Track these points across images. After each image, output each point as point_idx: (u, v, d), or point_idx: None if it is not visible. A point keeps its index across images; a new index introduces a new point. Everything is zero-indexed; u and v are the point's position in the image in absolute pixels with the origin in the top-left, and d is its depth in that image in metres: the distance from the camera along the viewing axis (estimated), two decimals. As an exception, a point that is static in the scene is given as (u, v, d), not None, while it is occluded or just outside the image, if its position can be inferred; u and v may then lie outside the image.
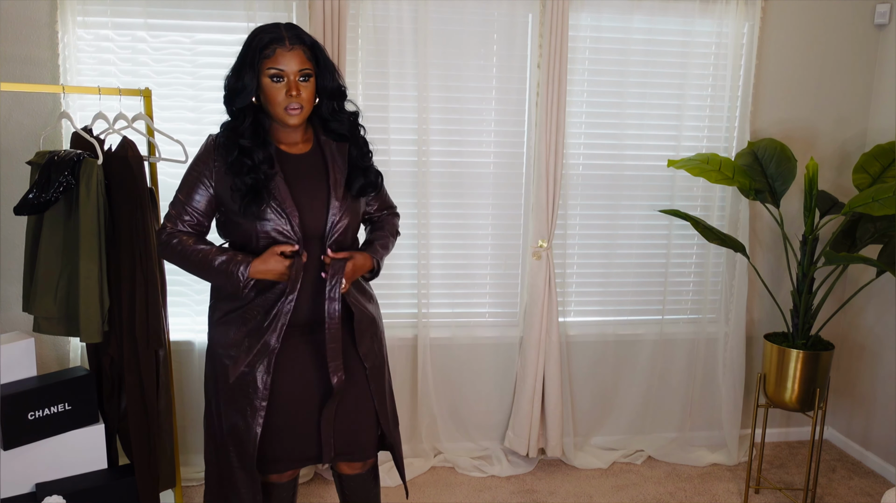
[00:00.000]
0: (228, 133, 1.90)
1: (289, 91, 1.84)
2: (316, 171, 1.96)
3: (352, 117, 2.02)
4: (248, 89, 1.86)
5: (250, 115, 1.90)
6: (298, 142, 1.98)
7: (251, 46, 1.86)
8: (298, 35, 1.87)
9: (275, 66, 1.83)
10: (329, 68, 1.93)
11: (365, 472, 2.15)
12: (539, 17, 2.95)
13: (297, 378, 1.96)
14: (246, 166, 1.86)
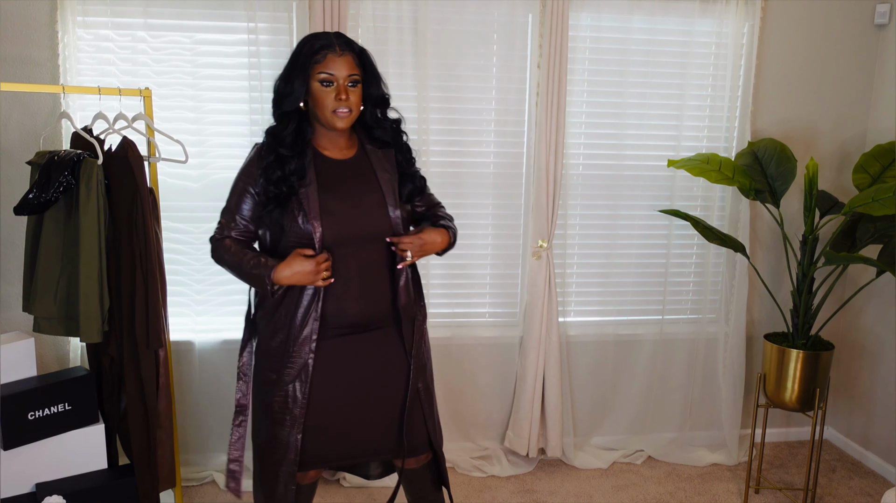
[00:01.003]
0: (270, 138, 1.98)
1: (338, 95, 1.91)
2: (361, 176, 2.01)
3: (395, 124, 2.08)
4: (296, 93, 1.92)
5: (294, 122, 1.96)
6: (343, 148, 2.03)
7: (302, 52, 1.94)
8: (348, 42, 1.96)
9: (325, 70, 1.91)
10: (375, 76, 2.01)
11: (419, 467, 2.19)
12: (539, 17, 2.95)
13: (336, 383, 2.02)
14: (276, 175, 1.93)
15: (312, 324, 1.95)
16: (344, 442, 2.06)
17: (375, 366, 2.05)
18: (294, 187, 1.93)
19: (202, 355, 2.99)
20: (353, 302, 1.98)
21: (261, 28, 2.80)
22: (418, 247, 1.99)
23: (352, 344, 2.02)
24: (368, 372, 2.04)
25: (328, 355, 2.00)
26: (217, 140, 2.89)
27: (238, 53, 2.83)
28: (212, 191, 2.92)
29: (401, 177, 2.06)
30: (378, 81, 2.02)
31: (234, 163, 2.88)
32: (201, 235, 2.94)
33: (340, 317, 1.98)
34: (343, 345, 2.01)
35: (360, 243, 1.97)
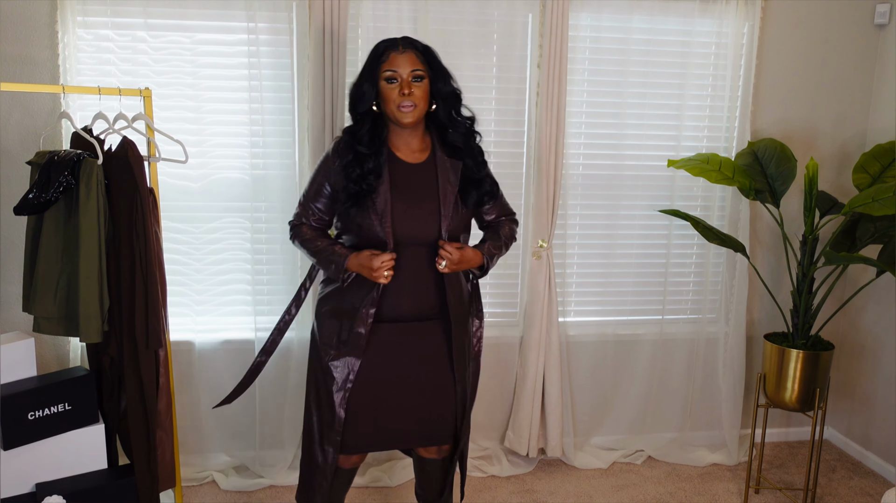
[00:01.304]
0: (348, 137, 2.11)
1: (401, 90, 2.02)
2: (426, 183, 2.12)
3: (468, 122, 2.17)
4: (367, 95, 2.06)
5: (369, 121, 2.08)
6: (415, 150, 2.14)
7: (371, 56, 2.09)
8: (411, 41, 2.09)
9: (389, 67, 2.03)
10: (443, 73, 2.10)
11: (439, 459, 2.31)
12: (539, 17, 2.95)
13: (384, 370, 2.15)
14: (355, 173, 2.05)
15: (369, 312, 2.09)
16: (384, 429, 2.19)
17: (420, 361, 2.18)
18: (372, 185, 2.05)
19: (202, 355, 2.99)
20: (405, 298, 2.12)
21: (261, 28, 2.80)
22: (455, 261, 2.09)
23: (400, 337, 2.15)
24: (413, 365, 2.17)
25: (378, 344, 2.13)
26: (217, 140, 2.89)
27: (238, 53, 2.82)
28: (212, 191, 2.92)
29: (468, 183, 2.14)
30: (446, 77, 2.10)
31: (234, 163, 2.92)
32: (201, 235, 2.94)
33: (392, 311, 2.12)
34: (392, 338, 2.14)
35: (415, 245, 2.10)
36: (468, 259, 2.13)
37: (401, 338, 2.16)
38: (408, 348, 2.17)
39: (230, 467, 3.08)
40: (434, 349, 2.19)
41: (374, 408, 2.17)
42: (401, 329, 2.15)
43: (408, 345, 2.17)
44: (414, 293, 2.13)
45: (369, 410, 2.16)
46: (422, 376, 2.19)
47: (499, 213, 2.32)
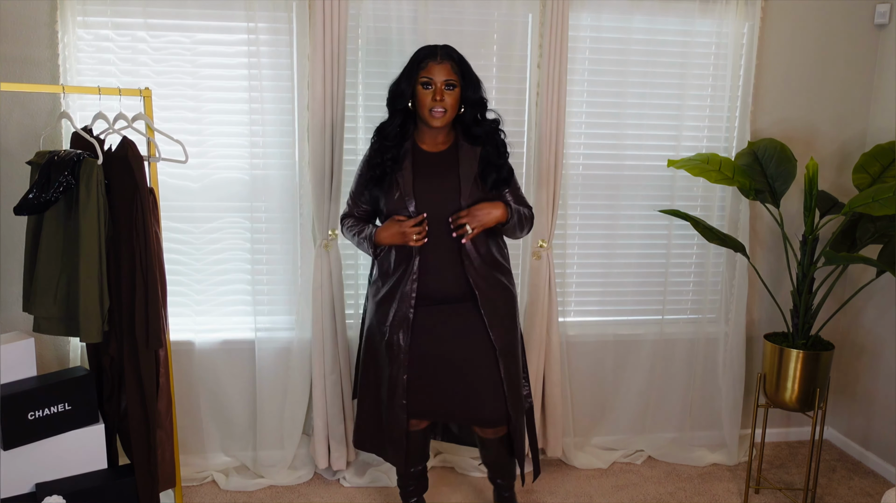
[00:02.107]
0: (377, 131, 2.39)
1: (434, 96, 2.27)
2: (447, 166, 2.36)
3: (493, 124, 2.39)
4: (405, 94, 2.31)
5: (400, 118, 2.35)
6: (439, 143, 2.39)
7: (411, 61, 2.33)
8: (448, 52, 2.32)
9: (426, 75, 2.28)
10: (473, 82, 2.34)
11: (496, 439, 2.48)
12: (539, 17, 2.95)
13: (431, 343, 2.36)
14: (376, 161, 2.35)
15: (412, 286, 2.31)
16: (436, 399, 2.39)
17: (461, 338, 2.37)
18: (387, 170, 2.32)
19: (202, 355, 2.99)
20: (436, 275, 2.33)
21: (261, 28, 2.80)
22: (473, 217, 2.27)
23: (440, 314, 2.35)
24: (455, 341, 2.36)
25: (422, 319, 2.34)
26: (217, 140, 2.89)
27: (238, 53, 2.82)
28: (212, 191, 2.92)
29: (487, 166, 2.35)
30: (476, 86, 2.34)
31: (234, 162, 2.92)
32: (201, 235, 2.94)
33: (429, 287, 2.33)
34: (434, 315, 2.35)
35: (440, 225, 2.31)
36: (486, 211, 2.29)
37: (440, 320, 2.35)
38: (447, 329, 2.36)
39: (230, 467, 3.08)
40: (474, 333, 2.36)
41: (425, 381, 2.37)
42: (438, 310, 2.35)
43: (447, 326, 2.36)
44: (441, 273, 2.33)
45: (422, 383, 2.37)
46: (463, 357, 2.37)
47: (515, 201, 2.46)
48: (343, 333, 2.96)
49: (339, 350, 2.96)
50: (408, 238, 2.26)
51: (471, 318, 2.36)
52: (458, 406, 2.40)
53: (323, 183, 2.84)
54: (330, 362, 2.95)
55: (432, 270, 2.33)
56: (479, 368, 2.37)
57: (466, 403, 2.39)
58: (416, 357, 2.36)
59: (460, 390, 2.38)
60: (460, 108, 2.35)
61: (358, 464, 3.12)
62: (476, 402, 2.38)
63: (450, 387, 2.38)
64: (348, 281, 3.03)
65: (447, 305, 2.36)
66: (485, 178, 2.35)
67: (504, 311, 2.41)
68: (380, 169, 2.34)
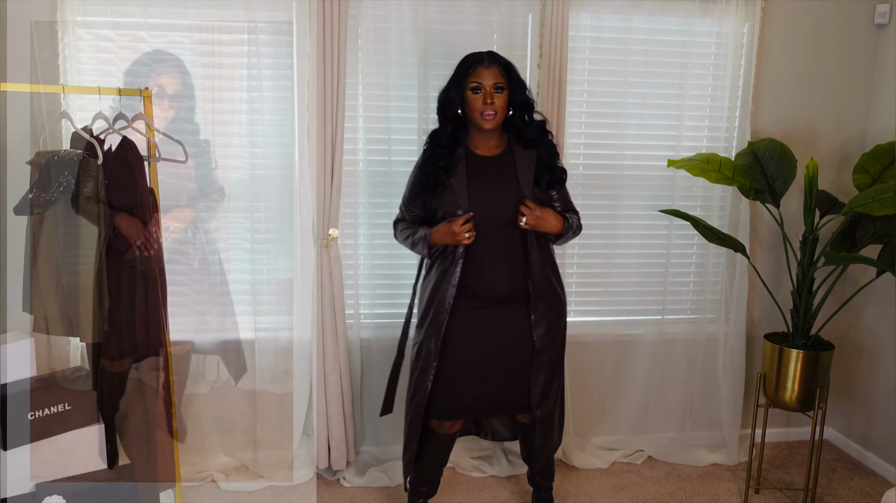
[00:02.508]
0: (430, 138, 2.47)
1: (485, 99, 2.33)
2: (503, 169, 2.42)
3: (541, 125, 2.45)
4: (454, 101, 2.39)
5: (451, 125, 2.42)
6: (492, 147, 2.45)
7: (459, 68, 2.40)
8: (495, 57, 2.40)
9: (475, 80, 2.35)
10: (520, 85, 2.41)
11: (531, 424, 2.57)
12: (539, 17, 2.95)
13: (470, 348, 2.43)
14: (429, 168, 2.42)
15: (450, 291, 2.38)
16: (471, 399, 2.47)
17: (503, 337, 2.43)
18: (440, 178, 2.39)
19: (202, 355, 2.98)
20: (488, 276, 2.39)
21: (261, 28, 2.80)
22: (535, 216, 2.34)
23: (484, 314, 2.42)
24: (497, 340, 2.43)
25: (462, 320, 2.41)
26: (217, 140, 2.89)
27: (238, 53, 2.82)
28: (212, 191, 2.92)
29: (540, 168, 2.42)
30: (522, 88, 2.41)
31: (234, 162, 2.91)
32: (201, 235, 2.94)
33: (476, 288, 2.39)
34: (476, 315, 2.42)
35: (497, 226, 2.37)
36: (548, 218, 2.37)
37: (482, 322, 2.42)
38: (493, 328, 2.43)
39: (230, 467, 3.08)
40: (518, 329, 2.43)
41: (461, 380, 2.44)
42: (485, 311, 2.42)
43: (493, 325, 2.42)
44: (496, 272, 2.40)
45: (456, 383, 2.44)
46: (505, 352, 2.44)
47: (564, 207, 2.53)
48: (343, 333, 2.96)
49: (339, 350, 2.96)
50: (459, 237, 2.33)
51: (516, 319, 2.43)
52: (497, 398, 2.49)
53: (323, 183, 2.84)
54: (330, 362, 2.95)
55: (486, 270, 2.39)
56: (516, 361, 2.46)
57: (504, 394, 2.48)
58: (454, 360, 2.44)
59: (498, 383, 2.47)
60: (508, 110, 2.41)
61: (358, 464, 3.12)
62: (514, 391, 2.48)
63: (488, 383, 2.46)
64: (348, 281, 3.03)
65: (492, 309, 2.42)
66: (538, 180, 2.41)
67: (551, 315, 2.47)
68: (432, 177, 2.41)
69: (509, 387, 2.48)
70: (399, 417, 3.21)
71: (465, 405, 2.51)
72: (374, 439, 3.21)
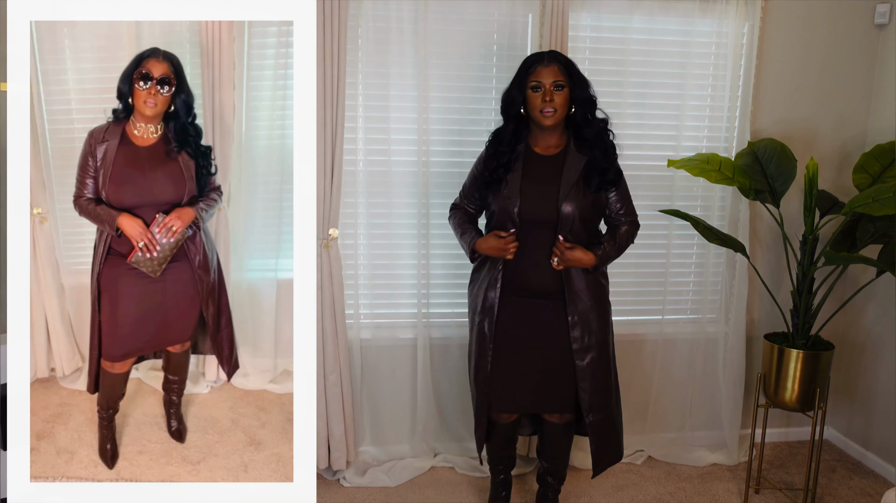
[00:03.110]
0: (493, 136, 2.54)
1: (544, 97, 2.38)
2: (554, 169, 2.46)
3: (602, 123, 2.49)
4: (516, 100, 2.44)
5: (513, 124, 2.48)
6: (552, 146, 2.50)
7: (521, 68, 2.45)
8: (555, 55, 2.45)
9: (535, 78, 2.40)
10: (581, 81, 2.44)
11: (558, 424, 2.63)
12: (539, 17, 2.95)
13: (515, 336, 2.51)
14: (492, 165, 2.49)
15: (499, 278, 2.48)
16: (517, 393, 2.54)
17: (543, 333, 2.49)
18: (499, 175, 2.46)
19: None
20: (530, 269, 2.46)
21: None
22: (565, 259, 2.41)
23: (526, 310, 2.49)
24: (538, 337, 2.50)
25: (509, 309, 2.49)
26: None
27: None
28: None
29: (592, 169, 2.45)
30: (584, 85, 2.44)
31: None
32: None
33: (519, 280, 2.47)
34: (520, 306, 2.49)
35: (541, 224, 2.43)
36: (578, 258, 2.42)
37: (527, 312, 2.49)
38: (534, 321, 2.49)
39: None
40: (556, 328, 2.48)
41: (509, 372, 2.52)
42: (528, 303, 2.49)
43: (534, 318, 2.49)
44: (538, 268, 2.45)
45: (506, 374, 2.53)
46: (545, 348, 2.50)
47: (625, 210, 2.57)
48: (343, 333, 2.97)
49: (340, 350, 2.96)
50: (505, 253, 2.42)
51: (555, 315, 2.48)
52: (531, 396, 2.55)
53: (323, 183, 2.84)
54: (330, 362, 2.95)
55: (530, 266, 2.46)
56: (554, 362, 2.50)
57: (537, 393, 2.54)
58: (501, 351, 2.52)
59: (534, 382, 2.53)
60: (570, 108, 2.45)
61: (358, 464, 3.12)
62: (544, 391, 2.53)
63: (526, 381, 2.53)
64: (348, 281, 3.03)
65: (536, 300, 2.49)
66: (589, 182, 2.44)
67: (591, 312, 2.50)
68: (493, 174, 2.49)
69: (550, 384, 2.53)
70: (399, 417, 3.22)
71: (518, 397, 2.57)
72: (374, 439, 3.22)
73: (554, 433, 2.67)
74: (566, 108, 2.43)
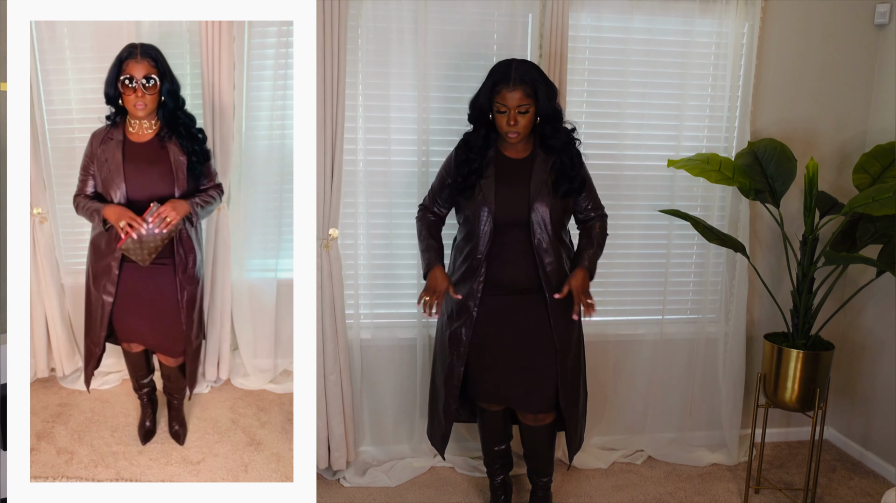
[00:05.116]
0: (464, 140, 2.56)
1: (509, 121, 2.41)
2: (524, 173, 2.51)
3: (567, 136, 2.52)
4: (484, 108, 2.47)
5: (483, 129, 2.51)
6: (520, 150, 2.54)
7: (488, 78, 2.46)
8: (521, 76, 2.40)
9: (500, 101, 2.41)
10: (549, 95, 2.44)
11: (536, 426, 2.63)
12: (539, 17, 2.95)
13: (495, 332, 2.54)
14: (464, 170, 2.51)
15: (478, 283, 2.50)
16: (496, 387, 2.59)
17: (524, 329, 2.52)
18: (472, 181, 2.50)
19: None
20: (507, 267, 2.50)
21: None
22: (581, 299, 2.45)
23: (507, 305, 2.52)
24: (518, 332, 2.53)
25: (488, 310, 2.52)
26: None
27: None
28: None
29: (560, 177, 2.49)
30: (552, 97, 2.45)
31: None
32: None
33: (498, 279, 2.50)
34: (500, 305, 2.52)
35: (514, 227, 2.47)
36: (582, 285, 2.47)
37: (505, 309, 2.52)
38: (512, 318, 2.52)
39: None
40: (536, 320, 2.51)
41: (487, 367, 2.56)
42: (505, 301, 2.52)
43: (512, 315, 2.52)
44: (515, 266, 2.49)
45: (484, 369, 2.57)
46: (525, 345, 2.53)
47: (593, 205, 2.64)
48: (343, 333, 2.97)
49: (340, 350, 2.97)
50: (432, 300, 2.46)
51: (536, 311, 2.51)
52: (512, 391, 2.57)
53: (323, 183, 2.84)
54: (330, 362, 2.95)
55: (506, 264, 2.50)
56: (536, 359, 2.53)
57: (517, 389, 2.56)
58: (481, 346, 2.55)
59: (516, 376, 2.55)
60: (536, 118, 2.47)
61: (358, 464, 3.13)
62: (524, 389, 2.55)
63: (508, 374, 2.55)
64: (348, 281, 3.03)
65: (515, 296, 2.52)
66: (557, 188, 2.49)
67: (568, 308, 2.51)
68: (465, 179, 2.51)
69: (531, 382, 2.55)
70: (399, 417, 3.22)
71: (496, 390, 2.60)
72: (374, 439, 3.22)
73: (530, 435, 2.69)
74: (530, 125, 2.46)
